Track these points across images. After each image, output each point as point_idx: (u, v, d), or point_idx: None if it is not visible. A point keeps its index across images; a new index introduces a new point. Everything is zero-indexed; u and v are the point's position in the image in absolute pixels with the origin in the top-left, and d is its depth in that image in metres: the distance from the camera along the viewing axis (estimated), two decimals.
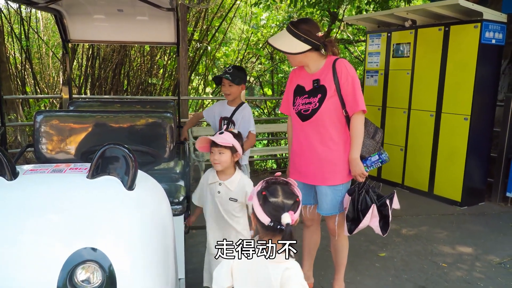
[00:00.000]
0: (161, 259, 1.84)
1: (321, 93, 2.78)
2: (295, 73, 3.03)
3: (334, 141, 2.82)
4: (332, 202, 2.89)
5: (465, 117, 5.11)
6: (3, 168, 1.73)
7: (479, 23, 4.94)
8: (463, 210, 5.20)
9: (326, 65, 2.80)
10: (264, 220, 1.69)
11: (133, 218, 1.72)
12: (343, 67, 2.75)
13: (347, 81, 2.73)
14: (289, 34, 2.74)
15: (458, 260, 3.86)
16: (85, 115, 3.10)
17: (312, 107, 2.80)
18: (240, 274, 1.76)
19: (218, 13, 10.78)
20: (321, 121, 2.80)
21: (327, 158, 2.83)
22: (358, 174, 2.81)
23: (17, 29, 9.65)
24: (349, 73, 2.74)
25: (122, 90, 9.98)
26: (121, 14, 3.92)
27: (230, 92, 3.58)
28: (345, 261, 3.18)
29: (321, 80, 2.79)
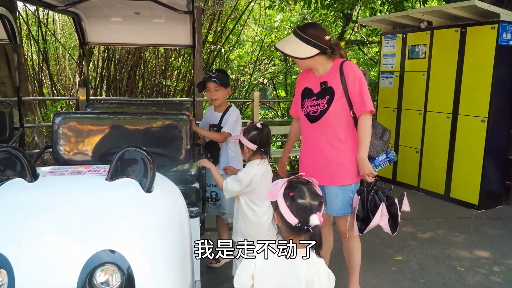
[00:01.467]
0: (179, 261, 1.85)
1: (329, 94, 2.80)
2: (302, 76, 3.04)
3: (343, 142, 2.83)
4: (343, 202, 2.89)
5: (482, 119, 5.05)
6: (24, 170, 1.76)
7: (496, 24, 4.88)
8: (481, 213, 5.14)
9: (334, 67, 2.82)
10: (291, 221, 1.69)
11: (151, 220, 1.73)
12: (350, 69, 2.77)
13: (354, 82, 2.75)
14: (297, 39, 2.75)
15: (476, 264, 3.81)
16: (103, 117, 3.13)
17: (321, 109, 2.81)
18: (263, 274, 1.75)
19: (232, 15, 10.81)
20: (329, 122, 2.81)
21: (335, 158, 2.84)
22: (366, 174, 2.82)
23: (34, 31, 9.78)
24: (356, 74, 2.76)
25: (136, 92, 10.06)
26: (137, 17, 3.95)
27: (217, 96, 3.47)
28: (358, 264, 3.15)
29: (329, 82, 2.81)
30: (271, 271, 1.74)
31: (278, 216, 1.78)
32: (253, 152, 2.81)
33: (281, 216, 1.73)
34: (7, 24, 3.96)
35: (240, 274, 1.80)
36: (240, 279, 1.80)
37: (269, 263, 1.73)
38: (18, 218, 1.60)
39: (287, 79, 12.58)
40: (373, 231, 2.84)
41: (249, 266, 1.76)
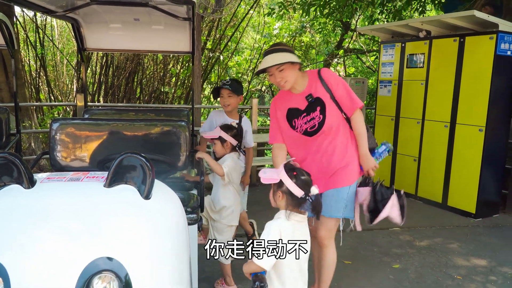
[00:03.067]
0: (177, 269, 1.83)
1: (319, 105, 2.80)
2: (279, 100, 2.98)
3: (344, 145, 2.85)
4: (336, 204, 2.83)
5: (480, 129, 5.06)
6: (21, 176, 1.74)
7: (494, 34, 4.91)
8: (478, 222, 5.14)
9: (312, 79, 2.83)
10: (298, 194, 2.12)
11: (149, 228, 1.71)
12: (330, 75, 2.82)
13: (338, 85, 2.79)
14: (280, 53, 2.70)
15: (473, 272, 3.80)
16: (101, 123, 3.12)
17: (318, 121, 2.80)
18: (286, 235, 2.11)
19: (231, 22, 10.84)
20: (329, 130, 2.81)
21: (342, 161, 2.84)
22: (370, 168, 2.85)
23: (32, 36, 9.77)
24: (337, 78, 2.83)
25: (134, 98, 10.05)
26: (137, 23, 3.95)
27: (229, 102, 3.67)
28: (329, 279, 2.98)
29: (314, 93, 2.81)
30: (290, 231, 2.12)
31: (282, 193, 2.17)
32: (233, 147, 3.26)
33: (287, 192, 2.14)
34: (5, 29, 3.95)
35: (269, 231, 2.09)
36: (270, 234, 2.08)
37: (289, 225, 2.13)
38: (14, 225, 1.59)
39: None
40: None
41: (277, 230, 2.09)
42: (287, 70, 2.71)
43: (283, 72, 2.71)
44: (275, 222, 2.16)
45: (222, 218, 3.25)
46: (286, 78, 2.72)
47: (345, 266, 3.82)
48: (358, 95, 6.91)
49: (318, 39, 12.61)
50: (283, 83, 2.74)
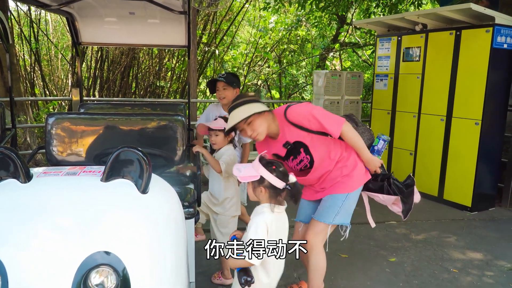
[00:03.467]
0: (175, 263, 1.83)
1: (301, 147, 2.72)
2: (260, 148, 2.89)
3: (343, 159, 2.81)
4: (328, 210, 2.80)
5: (476, 122, 5.07)
6: (17, 170, 1.73)
7: (491, 27, 4.91)
8: (473, 215, 5.16)
9: (282, 123, 2.71)
10: (280, 185, 2.17)
11: (147, 222, 1.71)
12: (296, 115, 2.67)
13: (310, 121, 2.66)
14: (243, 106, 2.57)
15: (469, 265, 3.83)
16: (97, 118, 3.10)
17: (307, 161, 2.75)
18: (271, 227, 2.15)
19: (226, 16, 10.80)
20: (323, 163, 2.76)
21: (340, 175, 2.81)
22: (377, 166, 2.84)
23: (26, 31, 9.69)
24: (305, 115, 2.66)
25: (130, 93, 10.01)
26: (132, 17, 3.92)
27: (225, 95, 3.68)
28: (316, 284, 2.90)
29: (289, 139, 2.70)
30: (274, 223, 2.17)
31: (264, 188, 2.20)
32: (231, 139, 3.30)
33: (268, 186, 2.18)
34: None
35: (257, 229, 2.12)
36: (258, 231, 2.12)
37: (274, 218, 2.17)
38: (11, 220, 1.58)
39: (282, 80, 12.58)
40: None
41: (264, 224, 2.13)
42: (255, 121, 2.59)
43: (252, 125, 2.59)
44: (261, 217, 2.17)
45: (226, 210, 3.27)
46: (257, 130, 2.61)
47: (342, 260, 3.84)
48: (354, 88, 7.00)
49: (314, 33, 12.59)
50: (255, 135, 2.62)
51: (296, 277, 3.52)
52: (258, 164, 2.19)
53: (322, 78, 6.60)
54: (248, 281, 2.09)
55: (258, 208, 2.26)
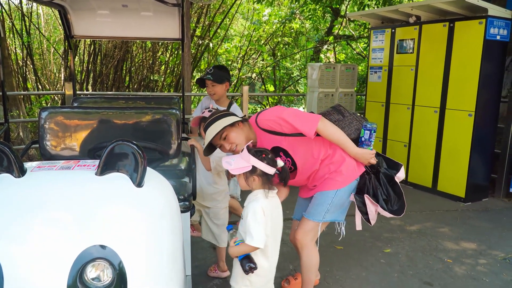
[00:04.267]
0: (171, 256, 1.83)
1: (280, 151, 2.69)
2: None
3: (328, 156, 2.73)
4: (317, 207, 2.76)
5: (470, 113, 5.10)
6: (11, 165, 1.72)
7: (484, 19, 4.92)
8: (467, 206, 5.20)
9: (256, 131, 2.70)
10: (271, 172, 2.27)
11: (142, 215, 1.70)
12: (266, 121, 2.65)
13: (281, 125, 2.61)
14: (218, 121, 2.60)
15: (463, 256, 3.86)
16: (91, 112, 3.08)
17: (289, 165, 2.72)
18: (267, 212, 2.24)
19: (220, 9, 10.75)
20: (306, 162, 2.72)
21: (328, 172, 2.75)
22: (368, 159, 2.73)
23: (18, 25, 9.61)
24: (275, 120, 2.62)
25: (123, 87, 9.96)
26: (125, 10, 3.89)
27: (214, 91, 3.66)
28: (309, 280, 2.90)
29: (267, 146, 2.68)
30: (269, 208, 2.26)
31: (256, 176, 2.27)
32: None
33: (261, 174, 2.26)
34: None
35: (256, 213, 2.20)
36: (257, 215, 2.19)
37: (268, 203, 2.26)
38: (5, 215, 1.57)
39: (276, 73, 12.56)
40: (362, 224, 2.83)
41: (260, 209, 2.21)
42: (230, 134, 2.60)
43: (228, 139, 2.60)
44: (257, 203, 2.23)
45: (218, 202, 3.28)
46: (235, 142, 2.61)
47: (337, 251, 3.86)
48: (348, 81, 7.01)
49: (308, 26, 12.56)
50: (234, 148, 2.62)
51: (292, 269, 3.54)
52: (248, 155, 2.25)
53: (316, 70, 6.60)
54: (252, 267, 2.16)
55: (251, 195, 2.32)
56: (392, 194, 2.74)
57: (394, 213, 2.74)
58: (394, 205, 2.75)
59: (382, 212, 2.74)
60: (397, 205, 2.75)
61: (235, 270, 2.35)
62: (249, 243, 2.17)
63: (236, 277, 2.34)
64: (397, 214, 2.75)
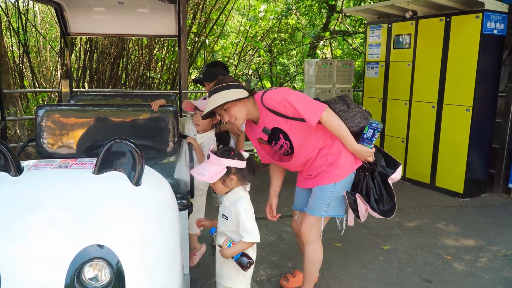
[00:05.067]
0: (169, 255, 1.82)
1: (280, 133, 2.63)
2: (247, 131, 2.86)
3: (326, 146, 2.70)
4: (318, 202, 2.73)
5: (467, 108, 5.09)
6: (8, 163, 1.70)
7: (480, 13, 4.91)
8: (466, 201, 5.20)
9: (261, 110, 2.63)
10: (242, 165, 2.30)
11: (140, 214, 1.69)
12: (271, 101, 2.57)
13: (286, 108, 2.55)
14: (222, 91, 2.52)
15: (462, 252, 3.86)
16: (88, 109, 3.07)
17: (287, 147, 2.67)
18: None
19: (216, 5, 10.70)
20: (304, 148, 2.66)
21: (324, 163, 2.71)
22: (366, 156, 2.68)
23: (14, 22, 9.55)
24: (280, 101, 2.56)
25: (120, 84, 9.92)
26: (121, 7, 3.86)
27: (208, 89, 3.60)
28: (311, 276, 2.92)
29: (268, 125, 2.64)
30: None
31: (233, 175, 2.28)
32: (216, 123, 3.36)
33: (237, 172, 2.28)
34: None
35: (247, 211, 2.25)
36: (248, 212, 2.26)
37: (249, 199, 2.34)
38: (2, 214, 1.55)
39: (273, 70, 12.53)
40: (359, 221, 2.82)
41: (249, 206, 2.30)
42: (232, 107, 2.53)
43: (228, 111, 2.54)
44: (243, 201, 2.28)
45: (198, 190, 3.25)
46: (234, 116, 2.55)
47: (335, 249, 3.85)
48: (345, 77, 6.99)
49: (304, 22, 12.53)
50: (233, 121, 2.57)
51: (291, 266, 3.53)
52: (218, 158, 2.25)
53: (313, 66, 6.58)
54: (251, 262, 2.23)
55: (230, 194, 2.33)
56: (384, 194, 2.71)
57: (384, 214, 2.71)
58: (386, 205, 2.72)
59: (371, 212, 2.71)
60: (388, 206, 2.72)
61: (225, 270, 2.36)
62: (248, 240, 2.19)
63: (230, 276, 2.36)
64: (387, 215, 2.71)
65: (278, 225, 4.32)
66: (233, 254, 2.23)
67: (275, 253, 3.77)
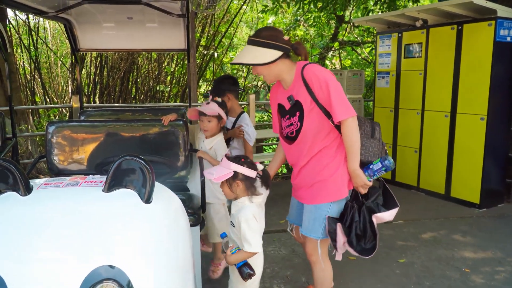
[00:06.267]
0: (181, 273, 1.78)
1: (298, 110, 2.50)
2: (273, 90, 2.73)
3: (326, 157, 2.54)
4: (314, 222, 2.59)
5: (482, 117, 5.01)
6: (17, 183, 1.67)
7: (493, 20, 4.84)
8: (482, 212, 5.09)
9: (297, 76, 2.51)
10: (253, 175, 2.32)
11: (151, 233, 1.65)
12: (312, 74, 2.42)
13: (321, 89, 2.40)
14: (254, 47, 2.44)
15: (481, 264, 3.76)
16: (98, 125, 3.05)
17: (295, 128, 2.54)
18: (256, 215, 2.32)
19: (224, 18, 10.75)
20: (307, 139, 2.52)
21: (318, 176, 2.56)
22: (360, 185, 2.51)
23: (25, 39, 9.68)
24: (320, 78, 2.40)
25: (130, 98, 9.98)
26: (130, 22, 3.87)
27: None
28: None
29: (295, 95, 2.51)
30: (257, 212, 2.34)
31: (239, 181, 2.32)
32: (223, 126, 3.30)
33: (243, 179, 2.31)
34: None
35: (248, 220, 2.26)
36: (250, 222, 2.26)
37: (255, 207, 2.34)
38: (11, 234, 1.52)
39: None
40: None
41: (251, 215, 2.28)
42: (260, 69, 2.48)
43: (255, 69, 2.50)
44: (247, 210, 2.30)
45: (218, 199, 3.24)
46: (260, 74, 2.52)
47: (350, 262, 3.77)
48: (355, 87, 6.94)
49: (312, 33, 12.53)
50: (262, 77, 2.54)
51: (305, 281, 3.46)
52: (228, 162, 2.33)
53: None
54: (251, 274, 2.23)
55: (236, 202, 2.38)
56: (368, 231, 2.54)
57: (362, 252, 2.55)
58: (368, 243, 2.55)
59: (348, 248, 2.57)
60: (370, 244, 2.55)
61: (234, 277, 2.43)
62: (247, 250, 2.24)
63: (236, 284, 2.43)
64: (364, 254, 2.56)
65: (291, 238, 4.25)
66: (236, 261, 2.28)
67: (288, 267, 3.70)
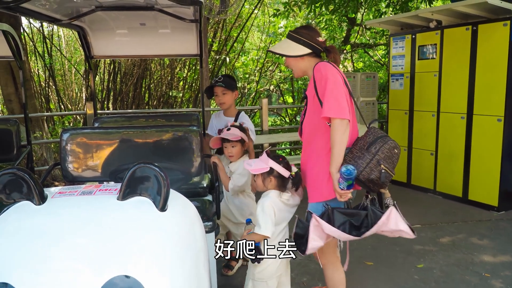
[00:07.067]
0: (197, 281, 1.75)
1: (306, 104, 2.67)
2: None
3: (318, 153, 2.54)
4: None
5: (499, 118, 4.92)
6: (31, 192, 1.66)
7: (508, 20, 4.77)
8: (501, 215, 4.99)
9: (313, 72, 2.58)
10: (286, 174, 2.51)
11: (167, 242, 1.63)
12: (317, 70, 2.48)
13: (321, 84, 2.44)
14: (289, 40, 2.65)
15: (501, 269, 3.67)
16: (112, 132, 3.05)
17: (301, 120, 2.73)
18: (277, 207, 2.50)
19: (236, 23, 10.77)
20: (308, 133, 2.62)
21: (310, 172, 2.58)
22: (336, 192, 2.39)
23: (40, 47, 9.79)
24: (323, 74, 2.43)
25: (143, 104, 10.02)
26: (143, 28, 3.88)
27: (224, 100, 3.60)
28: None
29: (307, 89, 2.65)
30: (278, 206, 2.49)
31: (272, 177, 2.51)
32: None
33: (277, 176, 2.50)
34: (11, 40, 3.92)
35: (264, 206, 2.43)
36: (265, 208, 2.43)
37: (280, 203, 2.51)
38: (25, 244, 1.51)
39: (294, 85, 12.49)
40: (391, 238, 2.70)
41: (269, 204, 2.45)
42: (291, 62, 2.68)
43: (286, 60, 2.72)
44: (267, 199, 2.47)
45: None
46: (289, 67, 2.73)
47: (367, 268, 3.71)
48: (369, 90, 6.88)
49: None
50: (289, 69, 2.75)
51: None
52: (267, 158, 2.51)
53: None
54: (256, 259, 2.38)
55: (264, 193, 2.56)
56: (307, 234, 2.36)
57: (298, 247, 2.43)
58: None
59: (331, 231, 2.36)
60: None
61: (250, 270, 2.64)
62: (257, 232, 2.42)
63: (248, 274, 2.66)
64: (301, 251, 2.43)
65: None
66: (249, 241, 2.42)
67: (304, 273, 3.65)
